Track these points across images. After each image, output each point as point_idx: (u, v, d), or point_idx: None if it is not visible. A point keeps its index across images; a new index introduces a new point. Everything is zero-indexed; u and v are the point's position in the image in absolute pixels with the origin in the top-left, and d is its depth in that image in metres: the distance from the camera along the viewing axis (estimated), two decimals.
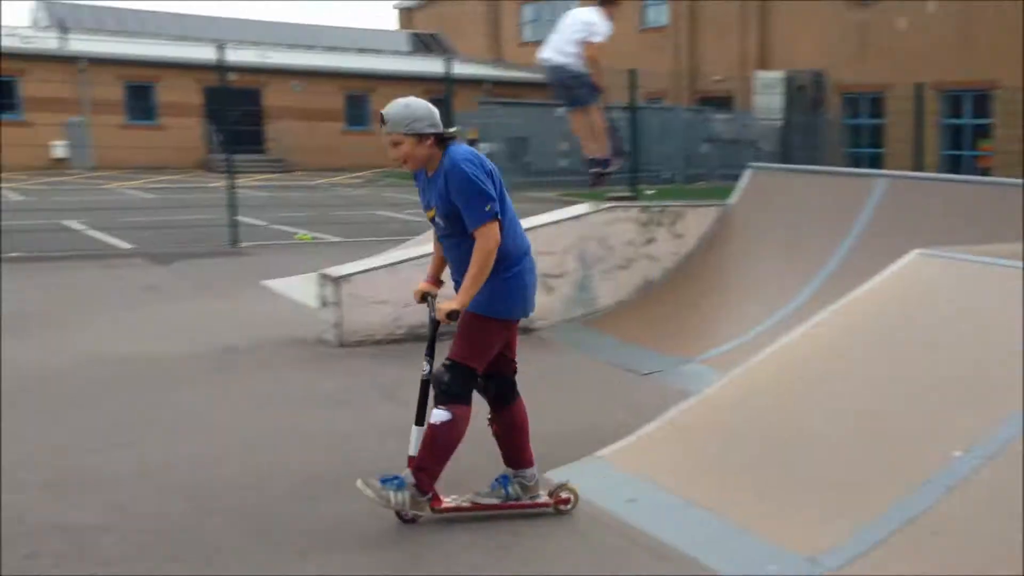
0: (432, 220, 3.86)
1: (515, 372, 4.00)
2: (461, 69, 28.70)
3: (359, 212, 18.85)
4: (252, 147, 31.55)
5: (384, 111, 3.72)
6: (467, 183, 3.63)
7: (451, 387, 3.74)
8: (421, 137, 3.71)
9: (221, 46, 13.77)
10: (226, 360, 6.80)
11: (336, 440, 5.03)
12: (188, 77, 32.30)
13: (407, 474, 3.80)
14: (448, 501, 3.93)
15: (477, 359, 3.79)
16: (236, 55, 14.51)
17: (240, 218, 13.69)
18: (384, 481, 3.78)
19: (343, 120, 36.46)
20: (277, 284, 9.82)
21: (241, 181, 15.37)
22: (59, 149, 30.89)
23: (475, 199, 3.62)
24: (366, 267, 7.46)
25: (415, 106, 3.73)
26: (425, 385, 3.86)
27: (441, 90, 15.22)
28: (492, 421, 4.01)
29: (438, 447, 3.77)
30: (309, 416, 5.46)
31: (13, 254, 11.72)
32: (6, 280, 9.60)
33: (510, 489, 4.01)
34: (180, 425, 5.29)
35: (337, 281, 7.14)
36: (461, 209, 3.65)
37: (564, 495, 4.02)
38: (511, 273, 3.75)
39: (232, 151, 15.27)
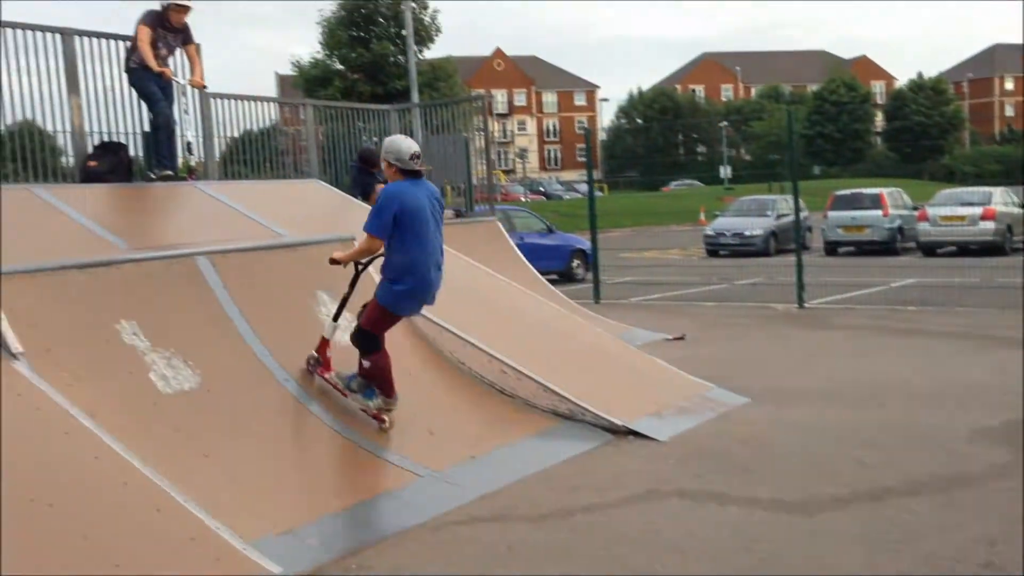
0: None
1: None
2: None
3: None
4: None
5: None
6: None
7: (362, 345, 5.91)
8: (388, 165, 5.75)
9: None
10: None
11: None
12: None
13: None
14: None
15: (377, 328, 5.89)
16: None
17: None
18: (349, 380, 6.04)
19: None
20: None
21: None
22: None
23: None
24: None
25: (388, 142, 5.80)
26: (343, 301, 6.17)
27: None
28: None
29: (376, 380, 5.92)
30: None
31: None
32: None
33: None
34: None
35: None
36: None
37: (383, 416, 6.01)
38: (397, 286, 5.76)
39: None
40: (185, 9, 8.59)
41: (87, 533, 4.12)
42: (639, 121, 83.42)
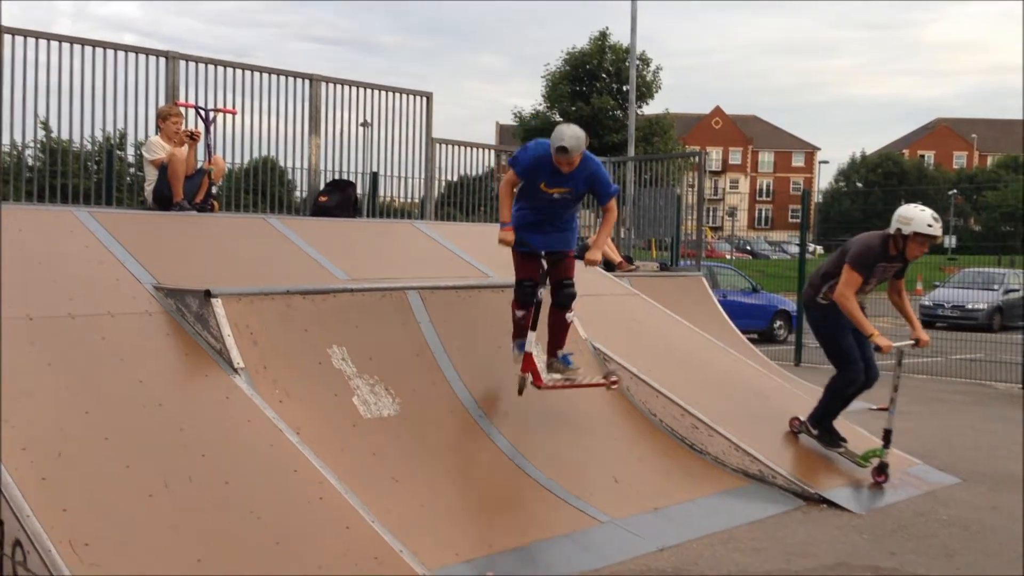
0: (553, 195, 6.15)
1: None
2: None
3: None
4: None
5: (566, 144, 5.83)
6: (606, 174, 6.26)
7: (574, 297, 6.43)
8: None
9: None
10: None
11: None
12: None
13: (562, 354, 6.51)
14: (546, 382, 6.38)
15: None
16: None
17: None
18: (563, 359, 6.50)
19: None
20: None
21: None
22: None
23: (609, 183, 6.27)
24: None
25: (582, 134, 5.94)
26: (538, 307, 6.33)
27: None
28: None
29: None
30: None
31: None
32: None
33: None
34: None
35: None
36: (599, 189, 6.19)
37: (613, 378, 6.50)
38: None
39: None
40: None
41: (280, 540, 4.41)
42: (859, 185, 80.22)
